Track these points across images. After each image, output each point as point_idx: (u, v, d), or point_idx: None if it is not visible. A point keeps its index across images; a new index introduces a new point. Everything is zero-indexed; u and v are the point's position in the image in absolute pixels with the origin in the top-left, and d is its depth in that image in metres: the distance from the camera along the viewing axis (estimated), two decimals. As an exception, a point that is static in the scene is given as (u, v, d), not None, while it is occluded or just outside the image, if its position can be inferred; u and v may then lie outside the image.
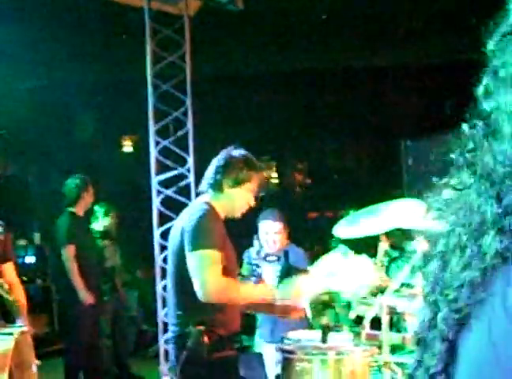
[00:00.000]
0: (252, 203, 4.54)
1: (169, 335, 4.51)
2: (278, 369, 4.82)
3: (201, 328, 4.21)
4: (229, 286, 4.29)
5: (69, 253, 7.92)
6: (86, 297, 7.85)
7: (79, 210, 8.17)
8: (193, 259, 4.17)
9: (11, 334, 3.63)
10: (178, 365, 4.26)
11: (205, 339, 4.19)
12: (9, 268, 5.07)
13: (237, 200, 4.47)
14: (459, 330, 0.91)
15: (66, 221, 8.06)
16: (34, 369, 3.94)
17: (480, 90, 0.96)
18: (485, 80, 0.96)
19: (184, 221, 4.35)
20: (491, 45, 0.94)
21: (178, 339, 4.32)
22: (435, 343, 0.94)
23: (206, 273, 4.13)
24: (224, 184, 4.44)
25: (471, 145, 0.97)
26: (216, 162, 4.51)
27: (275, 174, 15.49)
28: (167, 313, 7.53)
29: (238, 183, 4.43)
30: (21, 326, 3.89)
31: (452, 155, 1.02)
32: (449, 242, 0.96)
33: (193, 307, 4.28)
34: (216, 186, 4.45)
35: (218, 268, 4.19)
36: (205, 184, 4.54)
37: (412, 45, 11.10)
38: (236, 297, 4.40)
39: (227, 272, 4.26)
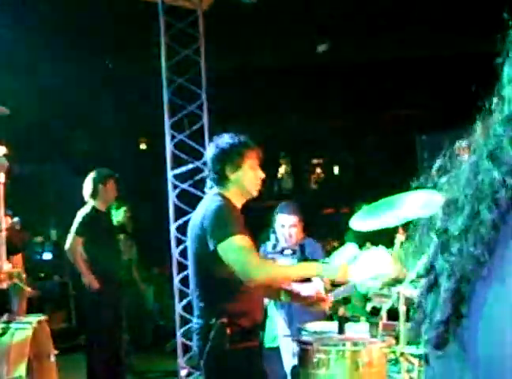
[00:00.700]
0: (261, 175, 4.55)
1: (193, 327, 4.51)
2: (295, 361, 4.83)
3: (224, 319, 4.21)
4: (272, 264, 4.33)
5: (75, 242, 7.94)
6: (92, 282, 7.88)
7: (100, 204, 8.16)
8: (225, 249, 4.16)
9: (29, 323, 3.65)
10: (202, 357, 4.28)
11: (228, 330, 4.20)
12: (19, 260, 5.08)
13: (245, 181, 4.48)
14: (473, 285, 0.93)
15: (87, 214, 8.07)
16: (52, 358, 3.95)
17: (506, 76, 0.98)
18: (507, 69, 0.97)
19: (201, 215, 4.36)
20: None
21: (202, 331, 4.32)
22: (445, 301, 0.97)
23: (245, 257, 4.15)
24: (227, 172, 4.45)
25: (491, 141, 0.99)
26: (209, 156, 4.56)
27: (289, 170, 15.48)
28: (184, 307, 7.56)
29: (238, 166, 4.45)
30: (39, 315, 3.90)
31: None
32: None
33: (216, 299, 4.32)
34: (220, 178, 4.47)
35: (253, 249, 4.22)
36: (210, 182, 4.57)
37: (428, 38, 11.07)
38: (282, 275, 4.45)
39: None
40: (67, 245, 8.03)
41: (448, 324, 0.96)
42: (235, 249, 4.16)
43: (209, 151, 4.57)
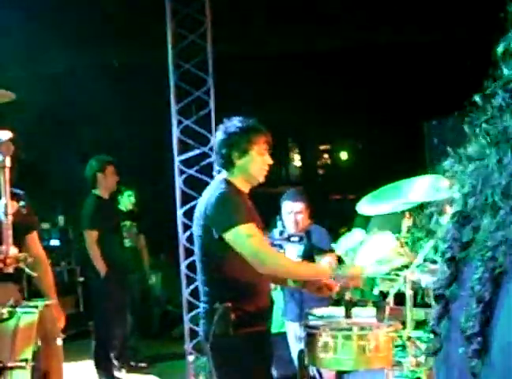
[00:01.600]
0: (269, 161, 4.52)
1: (200, 311, 4.52)
2: (301, 345, 4.84)
3: (228, 304, 4.22)
4: (282, 256, 4.33)
5: (91, 237, 7.97)
6: (101, 269, 7.92)
7: (103, 192, 8.19)
8: (233, 238, 4.18)
9: (36, 307, 3.66)
10: (208, 342, 4.28)
11: (232, 315, 4.22)
12: (34, 238, 5.05)
13: (252, 167, 4.45)
14: (495, 290, 0.91)
15: (91, 205, 8.09)
16: (59, 342, 3.96)
17: (500, 53, 0.96)
18: (505, 43, 0.96)
19: (205, 202, 4.37)
20: None
21: (207, 315, 4.34)
22: (470, 303, 0.93)
23: (257, 246, 4.16)
24: (233, 157, 4.42)
25: (488, 114, 0.97)
26: (217, 140, 4.52)
27: (297, 156, 15.47)
28: (191, 292, 7.57)
29: (245, 151, 4.42)
30: (45, 299, 3.91)
31: (466, 127, 1.03)
32: (474, 203, 0.96)
33: (220, 284, 4.34)
34: (227, 162, 4.45)
35: (261, 237, 4.22)
36: (217, 166, 4.58)
37: (434, 22, 11.03)
38: (292, 270, 4.45)
39: None
40: (86, 242, 8.02)
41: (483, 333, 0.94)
42: (245, 238, 4.16)
43: (218, 136, 4.53)
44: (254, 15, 10.06)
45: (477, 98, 1.05)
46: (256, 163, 4.46)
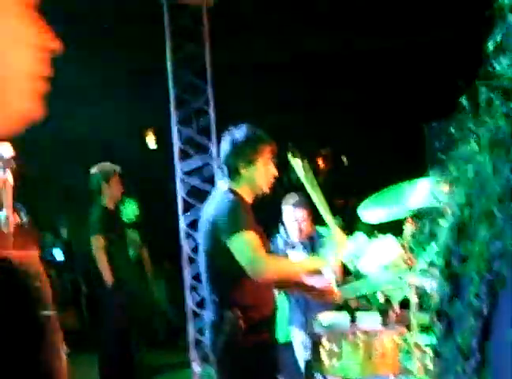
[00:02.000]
0: (274, 172, 4.50)
1: (206, 320, 4.51)
2: (307, 353, 4.82)
3: (237, 312, 4.22)
4: (279, 261, 4.33)
5: (98, 243, 7.94)
6: (107, 278, 7.92)
7: (108, 202, 8.10)
8: (234, 245, 4.18)
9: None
10: (215, 351, 4.28)
11: (241, 323, 4.21)
12: (35, 255, 5.03)
13: (257, 177, 4.43)
14: (493, 304, 0.89)
15: (97, 214, 8.05)
16: (63, 354, 3.94)
17: (490, 49, 0.95)
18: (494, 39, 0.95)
19: (211, 211, 4.36)
20: None
21: (214, 324, 4.34)
22: (467, 318, 0.91)
23: (253, 253, 4.15)
24: (239, 167, 4.40)
25: (477, 116, 0.96)
26: (222, 149, 4.48)
27: (299, 162, 15.43)
28: (195, 301, 7.56)
29: (251, 161, 4.39)
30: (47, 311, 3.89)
31: (452, 129, 1.01)
32: (470, 213, 0.94)
33: (228, 293, 4.33)
34: (233, 172, 4.42)
35: (260, 246, 4.20)
36: (221, 173, 4.52)
37: (433, 24, 11.03)
38: (288, 272, 4.45)
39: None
40: (93, 248, 7.99)
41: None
42: (243, 245, 4.16)
43: (224, 145, 4.49)
44: (251, 25, 10.06)
45: (464, 100, 1.03)
46: (262, 174, 4.43)
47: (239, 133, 4.44)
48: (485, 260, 0.89)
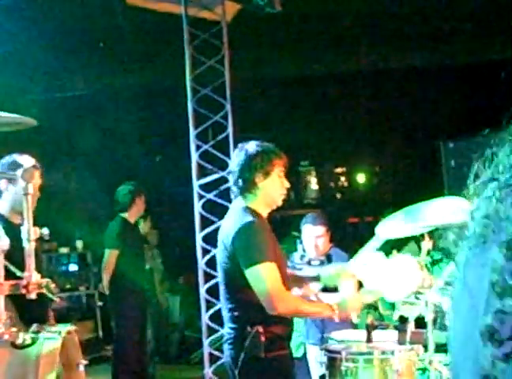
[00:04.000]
0: (287, 185, 4.54)
1: (225, 337, 4.51)
2: (323, 370, 4.82)
3: (259, 328, 4.23)
4: (293, 299, 4.34)
5: (110, 256, 8.05)
6: (107, 288, 8.13)
7: (131, 216, 8.31)
8: (252, 275, 4.19)
9: (59, 333, 3.66)
10: (236, 366, 4.28)
11: (262, 338, 4.22)
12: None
13: (273, 189, 4.47)
14: None
15: (118, 226, 8.20)
16: (81, 368, 3.97)
17: None
18: None
19: (231, 231, 4.34)
20: None
21: (236, 340, 4.34)
22: (498, 329, 0.89)
23: (269, 288, 4.16)
24: (256, 180, 4.42)
25: None
26: (237, 163, 4.50)
27: (314, 180, 15.44)
28: (210, 317, 7.56)
29: (267, 173, 4.43)
30: (68, 325, 3.92)
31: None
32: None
33: (249, 309, 4.32)
34: (249, 185, 4.44)
35: (278, 279, 4.21)
36: (236, 189, 4.52)
37: (452, 44, 11.05)
38: (299, 311, 4.44)
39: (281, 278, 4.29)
40: (105, 258, 8.11)
41: None
42: (260, 279, 4.17)
43: (238, 158, 4.50)
44: (270, 40, 10.10)
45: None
46: (277, 186, 4.48)
47: (252, 146, 4.49)
48: None
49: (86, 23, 9.35)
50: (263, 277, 4.16)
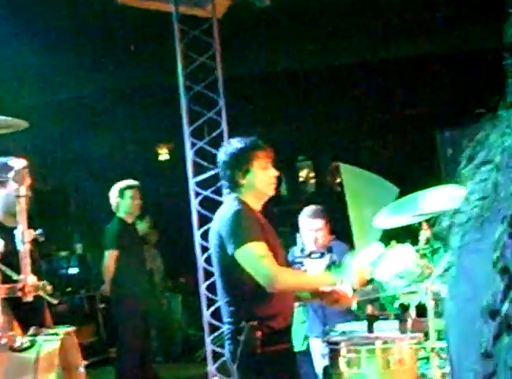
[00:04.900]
0: (274, 174, 4.56)
1: (224, 332, 4.52)
2: (325, 362, 4.81)
3: (254, 322, 4.23)
4: (290, 272, 4.34)
5: (110, 256, 8.04)
6: (108, 290, 8.15)
7: (126, 216, 8.25)
8: (242, 255, 4.19)
9: (57, 334, 3.64)
10: (234, 362, 4.28)
11: (258, 333, 4.22)
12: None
13: (258, 183, 4.50)
14: None
15: (115, 227, 8.18)
16: (81, 369, 3.95)
17: None
18: None
19: (219, 221, 4.41)
20: None
21: (232, 335, 4.35)
22: (501, 307, 0.87)
23: (263, 263, 4.16)
24: (237, 177, 4.48)
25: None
26: (219, 164, 4.60)
27: (312, 174, 15.42)
28: (212, 314, 7.54)
29: (247, 170, 4.48)
30: (66, 326, 3.90)
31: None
32: None
33: (245, 302, 4.34)
34: (233, 183, 4.51)
35: (270, 256, 4.21)
36: (224, 187, 4.61)
37: (446, 33, 11.02)
38: (299, 283, 4.45)
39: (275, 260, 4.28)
40: (105, 259, 8.10)
41: None
42: (252, 256, 4.18)
43: (219, 161, 4.61)
44: (261, 35, 10.08)
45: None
46: (260, 179, 4.51)
47: (231, 146, 4.58)
48: None
49: (74, 23, 9.31)
50: (254, 255, 4.17)
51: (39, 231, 3.66)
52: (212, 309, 7.50)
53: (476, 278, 0.92)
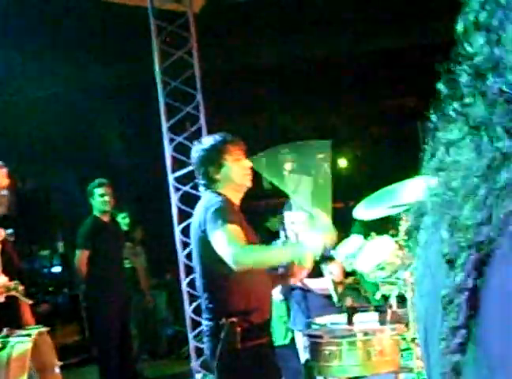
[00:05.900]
0: (248, 164, 4.57)
1: (203, 329, 4.51)
2: (307, 355, 4.79)
3: (233, 319, 4.24)
4: (253, 248, 4.31)
5: (80, 256, 7.99)
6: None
7: (102, 215, 8.19)
8: (216, 236, 4.18)
9: (29, 335, 3.60)
10: (215, 358, 4.26)
11: (238, 329, 4.23)
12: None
13: (233, 175, 4.52)
14: (480, 273, 0.85)
15: (88, 226, 8.11)
16: (57, 370, 3.90)
17: (461, 31, 0.93)
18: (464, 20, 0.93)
19: (199, 215, 4.39)
20: None
21: (212, 331, 4.35)
22: (454, 298, 0.87)
23: (230, 241, 4.13)
24: (212, 173, 4.51)
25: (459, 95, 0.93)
26: (192, 163, 4.70)
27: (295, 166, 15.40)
28: (194, 310, 7.51)
29: (220, 165, 4.51)
30: (39, 327, 3.85)
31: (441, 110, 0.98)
32: (456, 193, 0.90)
33: (224, 299, 4.35)
34: (209, 179, 4.54)
35: (240, 236, 4.19)
36: (200, 185, 4.63)
37: (426, 24, 11.03)
38: (267, 257, 4.40)
39: None
40: (76, 259, 8.07)
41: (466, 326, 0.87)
42: (223, 236, 4.15)
43: (192, 160, 4.67)
44: (238, 30, 10.05)
45: (441, 84, 1.00)
46: (235, 171, 4.52)
47: (201, 144, 4.63)
48: (469, 230, 0.85)
49: (51, 21, 9.25)
50: (224, 234, 4.14)
51: (9, 231, 3.62)
52: (195, 305, 7.47)
53: (436, 273, 0.92)
